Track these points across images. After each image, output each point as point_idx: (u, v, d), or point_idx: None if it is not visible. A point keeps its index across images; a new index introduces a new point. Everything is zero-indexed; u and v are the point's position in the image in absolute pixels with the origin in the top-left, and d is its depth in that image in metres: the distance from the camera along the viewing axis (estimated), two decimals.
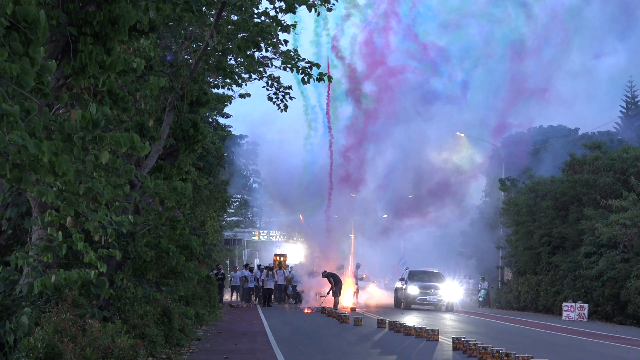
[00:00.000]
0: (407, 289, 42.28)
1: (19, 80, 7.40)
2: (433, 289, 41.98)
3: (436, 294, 41.96)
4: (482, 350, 16.88)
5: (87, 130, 8.41)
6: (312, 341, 21.61)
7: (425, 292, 41.90)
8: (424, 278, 43.40)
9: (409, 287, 42.18)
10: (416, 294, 41.90)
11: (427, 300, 41.99)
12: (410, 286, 42.23)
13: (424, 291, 41.90)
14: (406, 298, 42.33)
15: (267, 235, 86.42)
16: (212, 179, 36.12)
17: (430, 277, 43.66)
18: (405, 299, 42.53)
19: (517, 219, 48.22)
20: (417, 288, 42.03)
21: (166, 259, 16.94)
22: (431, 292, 41.91)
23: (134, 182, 14.12)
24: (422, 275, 43.95)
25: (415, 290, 42.03)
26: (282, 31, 17.66)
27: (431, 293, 41.90)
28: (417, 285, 42.21)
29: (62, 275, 10.28)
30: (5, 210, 13.19)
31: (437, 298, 41.96)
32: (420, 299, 41.93)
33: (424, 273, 44.80)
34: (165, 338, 16.96)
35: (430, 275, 44.10)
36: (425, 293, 41.90)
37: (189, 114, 17.55)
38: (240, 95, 22.88)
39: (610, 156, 42.49)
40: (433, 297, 41.92)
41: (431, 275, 44.12)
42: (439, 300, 42.03)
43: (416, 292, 41.95)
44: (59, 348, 10.82)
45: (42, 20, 7.67)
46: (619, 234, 36.69)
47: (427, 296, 41.91)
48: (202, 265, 32.33)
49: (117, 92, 10.83)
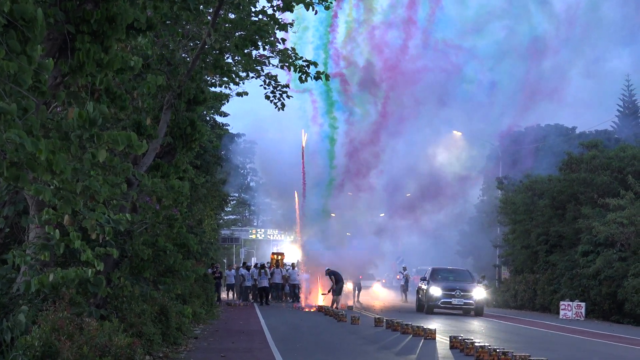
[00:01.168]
0: (428, 290, 36.79)
1: (16, 78, 7.39)
2: (459, 291, 36.19)
3: (463, 296, 36.17)
4: (479, 349, 16.90)
5: (84, 128, 8.40)
6: (309, 339, 21.62)
7: (450, 294, 36.20)
8: (448, 277, 38.31)
9: (431, 288, 36.63)
10: (439, 296, 36.30)
11: (451, 303, 36.21)
12: (432, 287, 36.69)
13: (448, 293, 36.24)
14: (428, 301, 36.80)
15: (264, 233, 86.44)
16: (210, 177, 36.11)
17: (456, 276, 38.60)
18: (427, 302, 36.97)
19: (514, 217, 48.25)
20: (439, 289, 36.46)
21: (163, 258, 16.96)
22: (457, 293, 36.10)
23: (131, 180, 14.11)
24: (446, 274, 38.96)
25: (437, 291, 36.45)
26: (279, 29, 17.66)
27: (457, 295, 36.07)
28: (441, 287, 36.62)
29: (59, 274, 10.28)
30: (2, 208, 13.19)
31: (464, 301, 36.15)
32: (444, 302, 36.31)
33: (449, 271, 40.16)
34: (162, 336, 16.95)
35: (456, 274, 39.19)
36: (450, 295, 36.17)
37: (187, 112, 17.54)
38: (238, 94, 22.90)
39: (608, 155, 42.53)
40: (459, 300, 36.07)
41: (457, 274, 39.20)
42: (467, 303, 36.23)
43: (439, 293, 36.37)
44: (56, 346, 10.82)
45: (40, 19, 7.67)
46: (616, 233, 36.74)
47: (451, 299, 36.10)
48: (200, 263, 32.32)
49: (115, 91, 10.82)
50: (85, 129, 8.41)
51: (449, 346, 19.24)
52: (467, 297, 36.03)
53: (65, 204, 8.96)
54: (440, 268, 41.69)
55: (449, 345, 19.28)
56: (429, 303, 36.58)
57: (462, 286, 36.52)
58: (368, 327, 26.56)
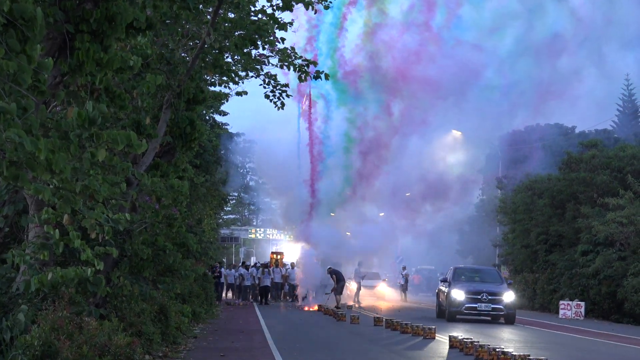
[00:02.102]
0: (450, 293, 30.90)
1: (15, 77, 7.39)
2: (486, 294, 30.41)
3: (491, 300, 30.43)
4: (478, 348, 16.91)
5: (83, 128, 8.40)
6: (308, 339, 21.63)
7: (475, 298, 30.44)
8: (473, 278, 32.72)
9: (453, 292, 30.76)
10: (462, 301, 30.46)
11: (477, 309, 30.48)
12: (454, 290, 30.80)
13: (473, 297, 30.48)
14: (449, 306, 30.81)
15: (263, 233, 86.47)
16: (209, 176, 36.12)
17: (482, 277, 33.12)
18: (448, 307, 30.98)
19: (514, 217, 48.27)
20: (463, 293, 30.60)
21: (163, 257, 16.96)
22: (483, 297, 30.32)
23: (130, 179, 14.11)
24: (471, 274, 33.42)
25: (460, 295, 30.56)
26: (278, 29, 17.67)
27: (483, 299, 30.31)
28: (464, 289, 30.77)
29: (58, 273, 10.27)
30: (2, 207, 13.18)
31: (492, 306, 30.38)
32: (469, 307, 30.47)
33: (474, 271, 34.57)
34: (162, 336, 16.96)
35: (483, 274, 33.70)
36: (475, 300, 30.43)
37: (186, 111, 17.54)
38: (237, 93, 22.89)
39: (607, 154, 42.57)
40: (486, 306, 30.35)
41: (484, 274, 33.72)
42: (495, 309, 30.45)
43: (462, 297, 30.51)
44: (55, 346, 10.82)
45: (39, 18, 7.66)
46: (616, 232, 36.76)
47: (477, 304, 30.38)
48: (199, 263, 32.33)
49: (114, 90, 10.81)
50: (84, 128, 8.40)
51: (448, 346, 19.26)
52: (496, 302, 30.42)
53: (65, 203, 8.96)
54: (464, 267, 36.75)
55: (448, 345, 19.29)
56: (450, 309, 30.71)
57: (490, 289, 30.89)
58: (367, 326, 26.57)
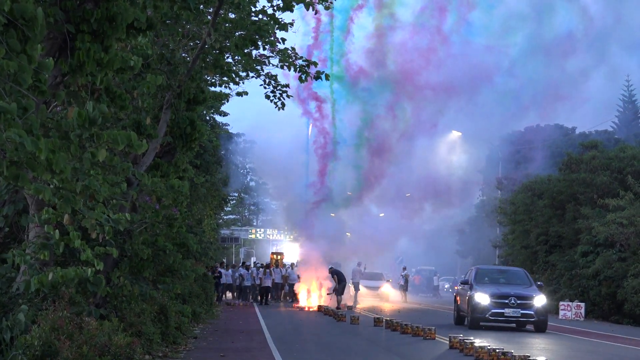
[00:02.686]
0: (473, 297, 27.39)
1: (16, 77, 7.40)
2: (514, 298, 27.06)
3: (520, 305, 27.01)
4: (478, 349, 16.90)
5: (84, 128, 8.41)
6: (308, 339, 21.63)
7: (502, 302, 27.03)
8: (498, 280, 29.35)
9: (477, 295, 27.29)
10: (487, 306, 27.02)
11: (504, 315, 26.96)
12: (478, 294, 27.35)
13: (499, 301, 27.06)
14: (472, 311, 27.24)
15: (263, 233, 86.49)
16: (209, 176, 36.13)
17: (508, 278, 29.62)
18: (471, 312, 27.38)
19: (514, 217, 48.29)
20: (487, 296, 27.15)
21: (163, 257, 16.97)
22: (511, 302, 26.95)
23: (131, 179, 14.12)
24: (495, 275, 30.08)
25: (485, 299, 27.12)
26: (279, 29, 17.68)
27: (511, 304, 26.93)
28: (489, 293, 27.32)
29: (59, 273, 10.27)
30: (2, 207, 13.19)
31: (522, 312, 26.91)
32: (495, 313, 26.95)
33: (499, 272, 31.10)
34: (162, 336, 16.96)
35: (509, 276, 30.09)
36: (502, 304, 27.00)
37: (186, 112, 17.55)
38: (238, 94, 22.90)
39: (607, 155, 42.58)
40: (515, 311, 26.90)
41: (510, 276, 30.09)
42: (525, 315, 26.94)
43: (487, 302, 27.08)
44: (55, 346, 10.82)
45: (40, 18, 7.67)
46: (616, 233, 36.76)
47: (504, 309, 26.91)
48: (199, 263, 32.34)
49: (115, 90, 10.82)
50: (85, 128, 8.41)
51: (448, 346, 19.26)
52: (526, 307, 26.97)
53: (65, 203, 8.96)
54: (488, 267, 33.51)
55: (448, 346, 19.29)
56: (473, 315, 27.19)
57: (519, 292, 27.53)
58: (367, 326, 26.57)
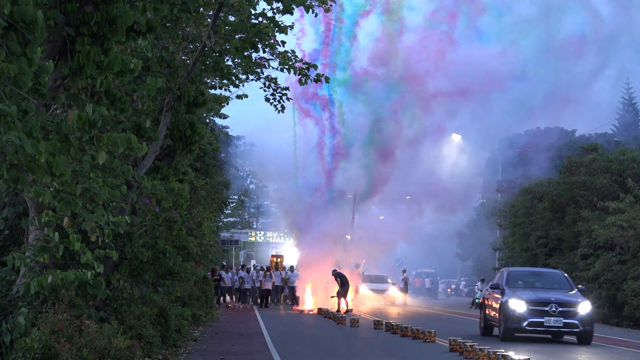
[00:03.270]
0: (507, 304, 23.12)
1: (16, 80, 7.40)
2: (555, 305, 22.89)
3: (562, 313, 22.89)
4: (478, 351, 16.89)
5: (84, 130, 8.41)
6: (308, 342, 21.63)
7: (541, 310, 22.88)
8: (534, 284, 25.18)
9: (511, 302, 23.04)
10: (523, 314, 22.83)
11: (543, 325, 22.78)
12: (512, 300, 23.08)
13: (537, 309, 22.90)
14: (506, 320, 23.01)
15: (263, 236, 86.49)
16: (209, 179, 36.14)
17: (545, 282, 25.22)
18: (504, 321, 23.11)
19: (513, 220, 48.29)
20: (523, 303, 22.96)
21: (163, 260, 16.95)
22: (552, 310, 22.82)
23: (131, 182, 14.12)
24: (530, 279, 25.80)
25: (520, 306, 22.93)
26: (279, 32, 17.69)
27: (552, 312, 22.81)
28: (525, 299, 23.12)
29: (58, 276, 10.28)
30: (2, 210, 13.18)
31: (564, 321, 22.76)
32: (532, 323, 22.78)
33: (535, 275, 26.63)
34: (161, 339, 16.97)
35: (546, 279, 25.59)
36: (541, 312, 22.84)
37: (186, 114, 17.56)
38: (238, 96, 22.92)
39: (607, 158, 42.58)
40: (556, 320, 22.75)
41: (547, 279, 25.58)
42: (568, 324, 22.82)
43: (523, 309, 22.88)
44: (55, 348, 10.82)
45: (40, 21, 7.67)
46: (616, 236, 36.74)
47: (543, 318, 22.73)
48: (199, 266, 32.33)
49: (115, 93, 10.82)
50: (85, 131, 8.42)
51: (448, 349, 19.24)
52: (569, 315, 22.94)
53: (65, 206, 8.97)
54: (521, 270, 29.30)
55: (448, 348, 19.28)
56: (507, 324, 23.00)
57: (560, 297, 23.48)
58: (367, 329, 26.55)
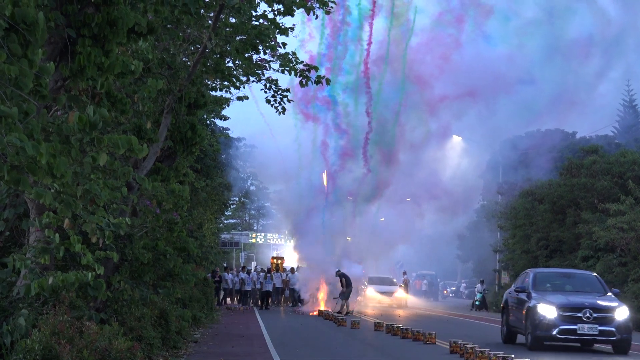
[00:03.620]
0: (535, 309, 20.81)
1: (17, 82, 7.41)
2: (589, 310, 20.48)
3: (597, 319, 20.47)
4: (479, 353, 16.88)
5: (84, 132, 8.42)
6: (309, 344, 21.62)
7: (573, 316, 20.48)
8: (563, 286, 22.48)
9: (540, 307, 20.71)
10: (554, 320, 20.44)
11: (576, 332, 20.33)
12: (541, 304, 20.75)
13: (569, 314, 20.54)
14: (535, 327, 20.63)
15: (264, 237, 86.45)
16: (210, 181, 36.15)
17: (576, 284, 22.59)
18: (532, 328, 20.72)
19: (514, 222, 48.28)
20: (554, 308, 20.56)
21: (163, 261, 16.96)
22: (586, 316, 20.39)
23: (131, 184, 14.12)
24: (559, 281, 22.99)
25: (551, 311, 20.56)
26: (280, 34, 17.70)
27: (586, 318, 20.38)
28: (556, 303, 20.72)
29: (59, 277, 10.28)
30: (2, 211, 13.19)
31: (600, 328, 20.35)
32: (564, 330, 20.35)
33: (565, 277, 23.69)
34: (162, 340, 16.96)
35: (577, 281, 22.95)
36: (573, 319, 20.43)
37: (187, 116, 17.57)
38: (238, 98, 22.91)
39: (608, 160, 42.56)
40: (590, 327, 20.35)
41: (578, 281, 22.95)
42: (604, 332, 20.41)
43: (553, 315, 20.50)
44: (56, 350, 10.82)
45: (41, 22, 7.68)
46: (616, 238, 36.73)
47: (576, 325, 20.31)
48: (200, 267, 32.33)
49: (115, 94, 10.83)
50: (85, 132, 8.42)
51: (448, 351, 19.23)
52: (605, 322, 20.52)
53: (66, 207, 8.97)
54: (549, 271, 25.99)
55: (448, 350, 19.27)
56: (536, 332, 20.63)
57: (594, 302, 21.00)
58: (368, 331, 26.54)
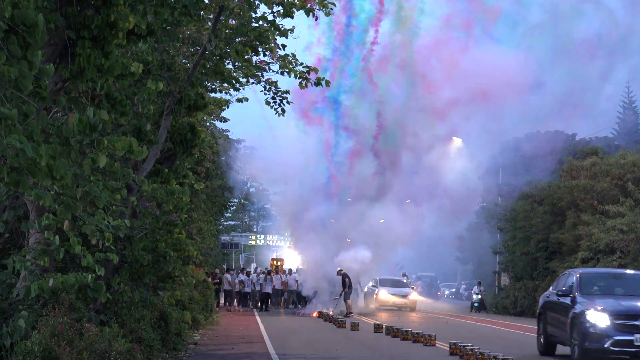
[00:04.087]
0: (584, 316, 17.85)
1: (17, 83, 7.41)
2: None
3: None
4: (479, 355, 16.88)
5: (84, 134, 8.42)
6: (309, 345, 21.60)
7: (630, 325, 17.46)
8: (613, 289, 19.45)
9: (590, 314, 17.74)
10: (607, 330, 17.44)
11: (633, 344, 17.24)
12: (591, 311, 17.76)
13: (625, 323, 17.52)
14: (584, 337, 17.59)
15: (264, 239, 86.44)
16: (209, 183, 36.14)
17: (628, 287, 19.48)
18: (580, 338, 17.68)
19: (514, 224, 48.26)
20: (606, 316, 17.55)
21: (163, 263, 16.97)
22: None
23: (131, 186, 14.12)
24: (609, 284, 19.81)
25: (603, 319, 17.56)
26: (279, 36, 17.70)
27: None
28: (609, 311, 17.67)
29: (59, 279, 10.28)
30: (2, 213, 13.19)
31: None
32: (619, 341, 17.30)
33: (615, 278, 20.56)
34: (162, 342, 16.96)
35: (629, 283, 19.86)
36: (630, 328, 17.42)
37: (187, 118, 17.57)
38: (238, 100, 22.90)
39: (608, 162, 42.55)
40: None
41: (632, 283, 19.86)
42: None
43: (605, 323, 17.50)
44: (55, 352, 10.82)
45: (41, 24, 7.68)
46: (616, 240, 36.72)
47: (633, 335, 17.28)
48: (200, 269, 32.34)
49: (115, 96, 10.84)
50: (85, 134, 8.43)
51: (448, 352, 19.24)
52: None
53: (65, 209, 8.97)
54: (596, 271, 23.52)
55: (448, 352, 19.27)
56: (585, 343, 17.59)
57: None
58: (368, 333, 26.53)
